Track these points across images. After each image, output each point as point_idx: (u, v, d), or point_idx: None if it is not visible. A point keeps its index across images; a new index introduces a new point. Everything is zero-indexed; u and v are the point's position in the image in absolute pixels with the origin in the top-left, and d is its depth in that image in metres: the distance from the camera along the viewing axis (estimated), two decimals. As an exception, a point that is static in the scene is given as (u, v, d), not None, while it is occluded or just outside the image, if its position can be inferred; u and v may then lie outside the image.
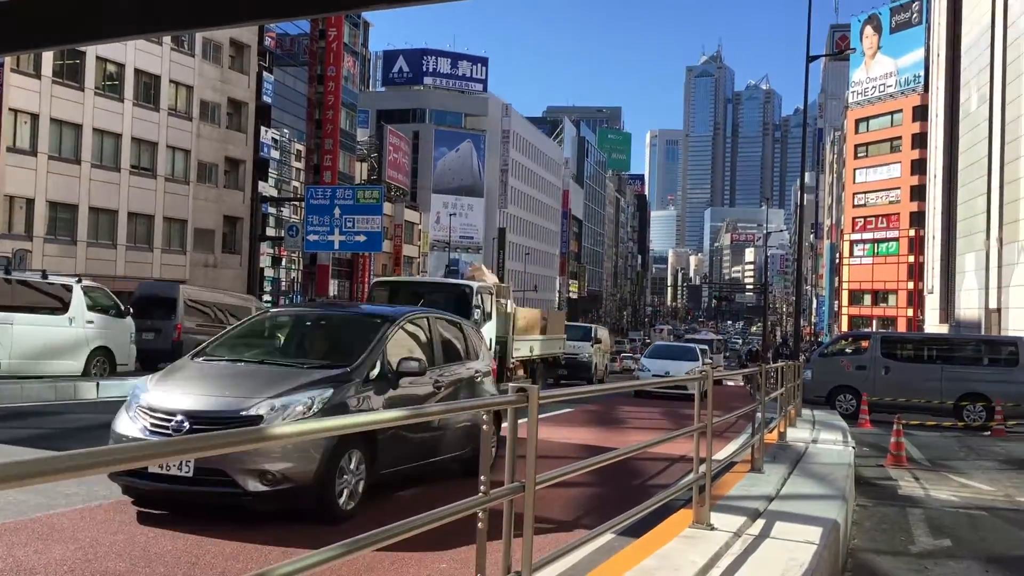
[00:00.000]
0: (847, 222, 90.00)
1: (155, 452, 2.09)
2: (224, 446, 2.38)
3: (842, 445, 11.76)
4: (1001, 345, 23.18)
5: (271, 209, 54.16)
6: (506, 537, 3.36)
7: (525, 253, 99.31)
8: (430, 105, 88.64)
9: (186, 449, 2.14)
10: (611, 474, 8.38)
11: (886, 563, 6.70)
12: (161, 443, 2.00)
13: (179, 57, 42.99)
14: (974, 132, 54.72)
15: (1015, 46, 46.06)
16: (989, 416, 19.57)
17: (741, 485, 7.51)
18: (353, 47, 66.10)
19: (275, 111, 52.77)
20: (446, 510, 3.02)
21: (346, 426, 3.12)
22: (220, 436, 2.28)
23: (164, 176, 42.53)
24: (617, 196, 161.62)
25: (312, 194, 37.18)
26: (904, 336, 35.96)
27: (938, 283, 64.40)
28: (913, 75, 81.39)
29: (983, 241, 50.87)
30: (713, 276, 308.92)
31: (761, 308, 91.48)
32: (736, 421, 12.34)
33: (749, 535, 5.59)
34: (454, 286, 18.10)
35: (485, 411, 3.23)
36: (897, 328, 74.57)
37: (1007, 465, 13.67)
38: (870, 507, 9.07)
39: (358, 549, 2.59)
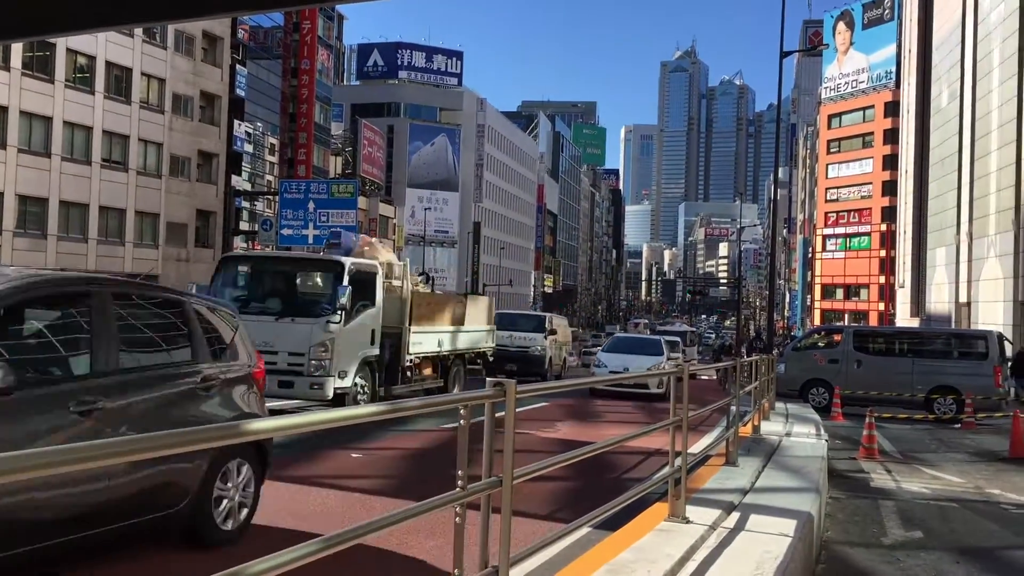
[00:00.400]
0: (820, 217, 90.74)
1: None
2: None
3: (815, 438, 11.86)
4: (971, 339, 23.45)
5: (244, 203, 53.77)
6: (483, 532, 3.35)
7: (500, 247, 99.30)
8: (405, 99, 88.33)
9: None
10: (588, 468, 8.41)
11: (859, 555, 6.77)
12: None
13: (151, 49, 42.56)
14: (945, 128, 55.31)
15: (985, 43, 46.56)
16: (959, 409, 19.80)
17: (716, 478, 7.55)
18: (327, 40, 65.71)
19: (248, 104, 52.36)
20: (423, 505, 3.02)
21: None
22: None
23: (136, 170, 42.12)
24: (592, 191, 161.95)
25: (286, 188, 37.01)
26: (876, 330, 36.29)
27: (909, 277, 65.11)
28: (885, 71, 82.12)
29: (953, 236, 51.46)
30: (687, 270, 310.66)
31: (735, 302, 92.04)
32: (710, 415, 12.42)
33: (724, 528, 5.62)
34: (322, 263, 14.57)
35: (463, 406, 3.21)
36: (869, 322, 75.32)
37: (977, 457, 13.85)
38: (843, 499, 9.16)
39: (336, 545, 2.57)
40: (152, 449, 2.06)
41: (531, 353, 25.77)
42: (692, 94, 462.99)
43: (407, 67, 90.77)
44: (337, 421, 3.02)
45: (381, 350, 14.22)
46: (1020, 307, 39.92)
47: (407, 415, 6.75)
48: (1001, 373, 20.81)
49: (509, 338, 25.23)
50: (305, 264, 15.48)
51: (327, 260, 14.43)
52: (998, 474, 11.88)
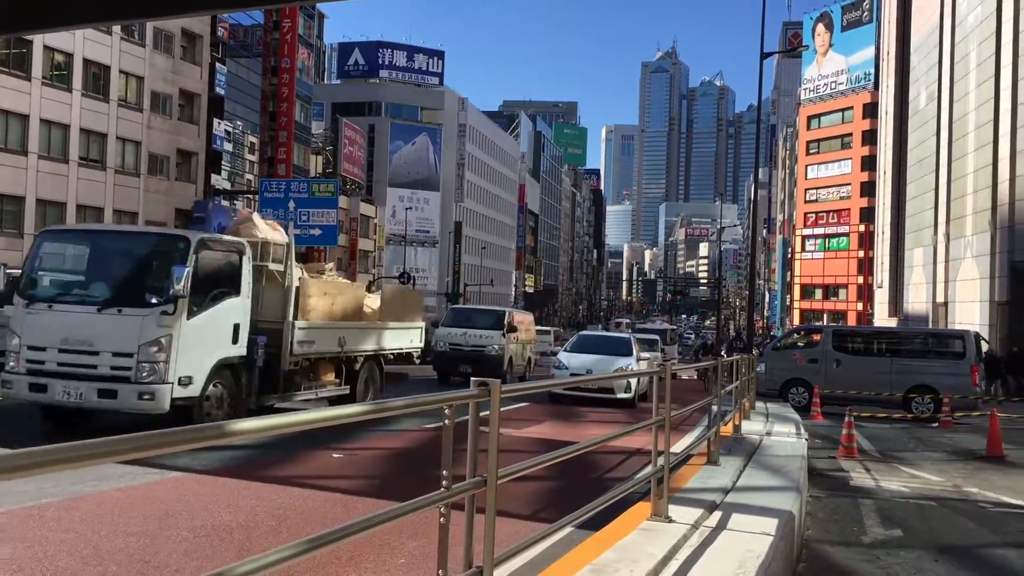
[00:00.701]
0: (799, 217, 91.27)
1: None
2: None
3: (795, 437, 11.92)
4: (948, 338, 23.67)
5: (224, 202, 53.43)
6: (467, 532, 3.35)
7: (481, 247, 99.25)
8: (386, 98, 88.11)
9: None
10: (571, 468, 8.41)
11: (839, 553, 6.81)
12: None
13: (129, 47, 42.23)
14: (923, 129, 55.76)
15: (963, 45, 46.98)
16: (937, 408, 19.97)
17: (698, 478, 7.58)
18: (308, 39, 65.44)
19: (228, 103, 52.05)
20: (407, 505, 3.00)
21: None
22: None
23: (114, 168, 41.78)
24: (573, 191, 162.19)
25: (266, 187, 36.78)
26: (855, 330, 36.57)
27: (887, 277, 65.62)
28: (864, 73, 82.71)
29: (931, 236, 51.90)
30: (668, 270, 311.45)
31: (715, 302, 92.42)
32: (691, 414, 12.46)
33: (707, 527, 5.64)
34: (161, 238, 12.13)
35: (447, 405, 3.21)
36: (847, 322, 75.85)
37: (955, 456, 13.97)
38: (823, 498, 9.21)
39: (318, 547, 2.55)
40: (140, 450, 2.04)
41: (487, 353, 23.36)
42: (673, 95, 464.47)
43: (388, 66, 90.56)
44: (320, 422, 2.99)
45: (250, 350, 11.55)
46: (996, 307, 40.31)
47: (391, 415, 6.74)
48: (978, 372, 21.01)
49: (463, 336, 23.71)
50: (140, 240, 12.36)
51: (167, 235, 12.42)
52: (976, 472, 11.99)
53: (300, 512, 6.67)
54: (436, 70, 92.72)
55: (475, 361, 22.59)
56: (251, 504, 6.83)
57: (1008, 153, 39.12)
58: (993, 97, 41.13)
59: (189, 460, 8.38)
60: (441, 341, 23.94)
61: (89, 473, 7.27)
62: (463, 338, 23.56)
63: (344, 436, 10.76)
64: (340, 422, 3.02)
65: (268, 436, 8.42)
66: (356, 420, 2.99)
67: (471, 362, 22.56)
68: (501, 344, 23.74)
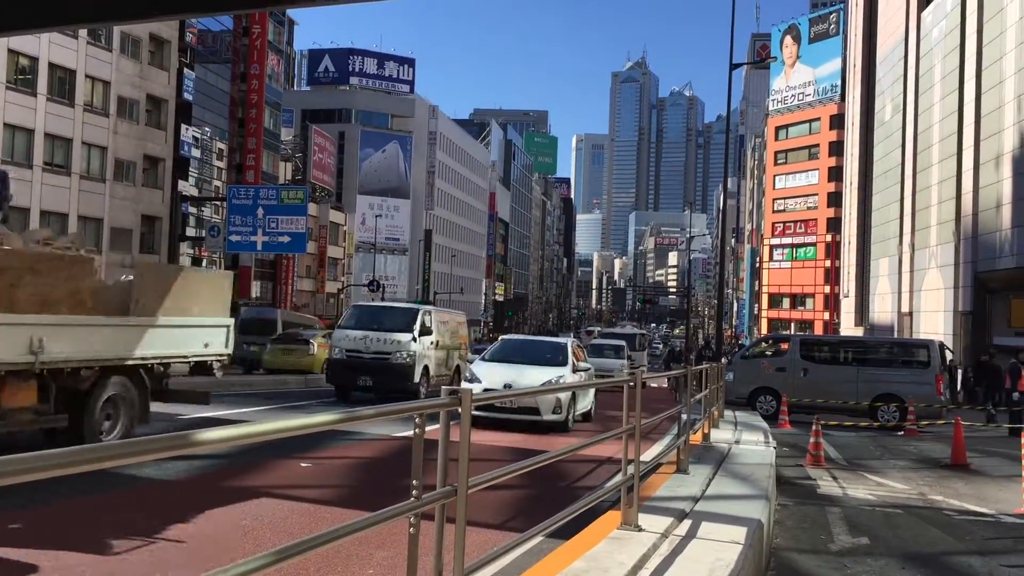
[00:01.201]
0: (767, 227, 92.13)
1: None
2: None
3: (764, 446, 11.98)
4: (913, 347, 23.92)
5: (192, 209, 52.98)
6: (437, 542, 3.32)
7: (451, 255, 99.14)
8: (356, 105, 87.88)
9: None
10: (541, 477, 8.39)
11: (807, 562, 6.84)
12: None
13: (96, 51, 41.77)
14: (888, 141, 56.51)
15: (927, 58, 47.70)
16: (902, 416, 20.15)
17: (667, 486, 7.59)
18: (278, 45, 65.13)
19: (196, 109, 51.65)
20: (376, 516, 2.97)
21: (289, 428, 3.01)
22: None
23: (79, 174, 41.27)
24: (543, 199, 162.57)
25: (234, 194, 36.44)
26: (822, 339, 36.95)
27: (853, 287, 66.33)
28: (831, 84, 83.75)
29: (896, 246, 52.56)
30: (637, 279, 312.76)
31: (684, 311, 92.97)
32: (661, 423, 12.50)
33: (676, 536, 5.65)
34: None
35: (418, 414, 3.18)
36: (814, 331, 76.59)
37: (920, 464, 14.11)
38: (791, 506, 9.26)
39: (285, 558, 2.52)
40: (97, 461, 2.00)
41: (393, 362, 18.89)
42: (643, 104, 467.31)
43: (358, 73, 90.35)
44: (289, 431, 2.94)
45: None
46: (960, 317, 40.88)
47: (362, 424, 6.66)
48: (943, 381, 21.26)
49: (364, 340, 19.22)
50: None
51: None
52: (940, 480, 12.12)
53: (267, 523, 6.59)
54: (407, 78, 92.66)
55: (377, 372, 18.73)
56: (217, 515, 6.74)
57: (972, 165, 39.75)
58: (957, 110, 41.79)
59: (153, 471, 8.27)
60: (337, 347, 19.78)
61: (50, 485, 7.15)
62: (363, 343, 19.18)
63: (312, 445, 10.67)
64: (308, 431, 2.98)
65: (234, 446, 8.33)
66: (325, 429, 2.95)
67: (372, 373, 18.75)
68: (412, 351, 19.07)
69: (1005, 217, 36.18)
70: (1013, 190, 35.40)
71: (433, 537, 3.32)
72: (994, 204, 37.33)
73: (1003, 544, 8.01)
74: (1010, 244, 35.54)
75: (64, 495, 6.98)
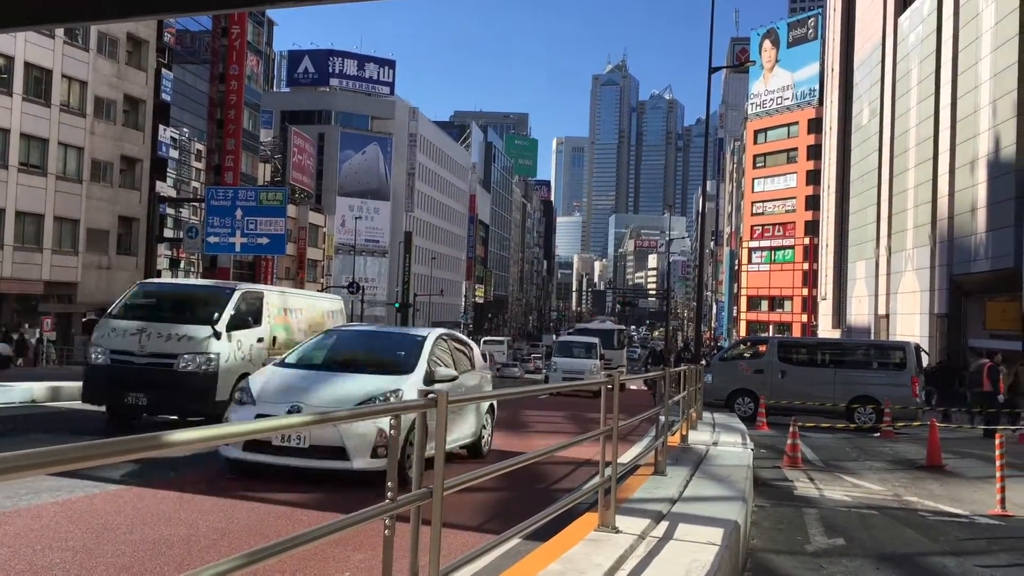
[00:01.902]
0: (746, 230, 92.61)
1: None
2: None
3: (741, 447, 12.03)
4: (889, 350, 24.12)
5: (169, 210, 52.62)
6: (413, 544, 3.31)
7: (431, 257, 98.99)
8: (336, 107, 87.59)
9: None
10: (518, 478, 8.39)
11: (784, 562, 6.88)
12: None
13: (72, 51, 41.42)
14: (865, 145, 56.95)
15: (904, 63, 48.10)
16: (878, 418, 20.31)
17: (645, 488, 7.60)
18: (257, 46, 64.81)
19: (174, 109, 51.32)
20: (352, 518, 2.96)
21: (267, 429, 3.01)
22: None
23: (55, 174, 40.89)
24: (524, 201, 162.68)
25: (213, 195, 36.22)
26: (799, 341, 37.15)
27: (831, 290, 66.79)
28: (809, 88, 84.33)
29: (873, 250, 52.97)
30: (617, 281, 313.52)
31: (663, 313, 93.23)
32: (639, 424, 12.52)
33: (653, 537, 5.66)
34: None
35: (393, 416, 3.17)
36: (792, 333, 77.05)
37: (896, 465, 14.22)
38: (768, 507, 9.31)
39: (259, 560, 2.50)
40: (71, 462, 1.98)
41: (177, 370, 12.31)
42: (623, 108, 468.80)
43: (338, 75, 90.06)
44: (259, 432, 2.95)
45: None
46: (936, 319, 41.24)
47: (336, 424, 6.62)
48: (919, 383, 21.44)
49: (138, 338, 12.55)
50: None
51: None
52: (916, 482, 12.22)
53: (242, 525, 6.55)
54: (387, 79, 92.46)
55: (153, 386, 12.27)
56: (192, 517, 6.70)
57: (947, 168, 40.11)
58: (933, 114, 42.16)
59: (128, 473, 8.20)
60: (98, 347, 12.81)
61: (24, 487, 7.08)
62: (135, 341, 12.53)
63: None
64: (280, 432, 2.97)
65: (209, 447, 8.26)
66: (297, 431, 2.94)
67: (146, 387, 12.27)
68: (213, 354, 12.46)
69: (980, 221, 36.53)
70: (988, 194, 35.75)
71: (409, 539, 3.31)
72: (969, 208, 37.68)
73: (977, 545, 8.08)
74: (985, 247, 35.88)
75: (31, 499, 6.91)
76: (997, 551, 7.86)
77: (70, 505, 6.90)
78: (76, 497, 7.16)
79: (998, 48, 35.20)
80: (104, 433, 11.71)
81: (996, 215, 35.10)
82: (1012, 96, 33.60)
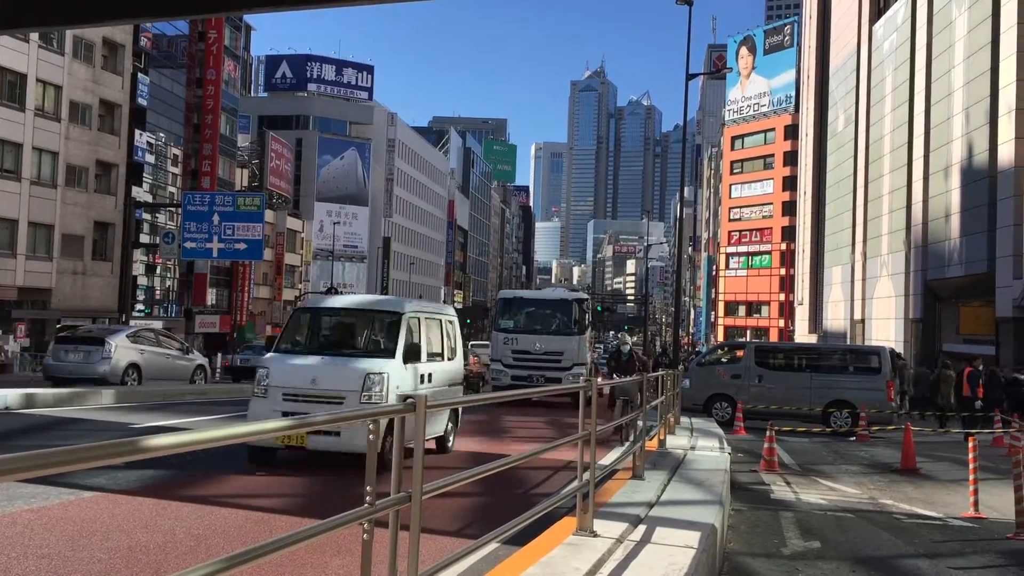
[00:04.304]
0: (723, 235, 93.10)
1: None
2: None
3: (719, 451, 12.09)
4: (865, 354, 24.32)
5: (146, 215, 52.26)
6: (391, 548, 3.31)
7: (410, 263, 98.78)
8: (314, 112, 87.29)
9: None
10: (497, 483, 8.40)
11: (760, 565, 6.92)
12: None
13: (47, 55, 41.03)
14: (841, 151, 57.42)
15: (879, 70, 48.57)
16: (854, 422, 20.48)
17: (623, 492, 7.63)
18: (234, 50, 64.50)
19: (151, 114, 50.98)
20: (329, 522, 2.96)
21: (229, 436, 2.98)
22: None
23: (30, 179, 40.48)
24: (502, 207, 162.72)
25: (190, 200, 36.05)
26: (776, 346, 37.37)
27: (807, 295, 67.23)
28: (785, 95, 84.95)
29: (848, 255, 53.39)
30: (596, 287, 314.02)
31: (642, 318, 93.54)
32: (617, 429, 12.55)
33: (631, 541, 5.68)
34: None
35: (372, 421, 3.18)
36: (769, 338, 77.47)
37: (871, 469, 14.34)
38: (745, 511, 9.36)
39: (236, 565, 2.50)
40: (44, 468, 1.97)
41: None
42: (601, 113, 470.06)
43: (316, 80, 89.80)
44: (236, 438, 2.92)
45: None
46: (911, 324, 41.63)
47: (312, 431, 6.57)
48: (894, 387, 21.63)
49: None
50: None
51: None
52: (891, 485, 12.33)
53: (219, 531, 6.52)
54: (365, 84, 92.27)
55: None
56: (169, 524, 6.66)
57: (922, 175, 40.52)
58: (907, 121, 42.59)
59: (104, 480, 8.14)
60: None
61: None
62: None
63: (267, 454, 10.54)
64: (260, 437, 2.97)
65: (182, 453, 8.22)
66: (277, 435, 2.94)
67: None
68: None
69: (954, 226, 36.92)
70: (961, 200, 36.14)
71: (388, 544, 3.31)
72: (943, 214, 38.07)
73: (950, 547, 8.17)
74: (959, 253, 36.27)
75: (5, 506, 6.85)
76: (970, 553, 7.96)
77: (45, 512, 6.84)
78: (51, 504, 7.10)
79: (971, 56, 35.63)
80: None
81: (969, 221, 35.50)
82: (985, 103, 34.01)
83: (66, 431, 12.53)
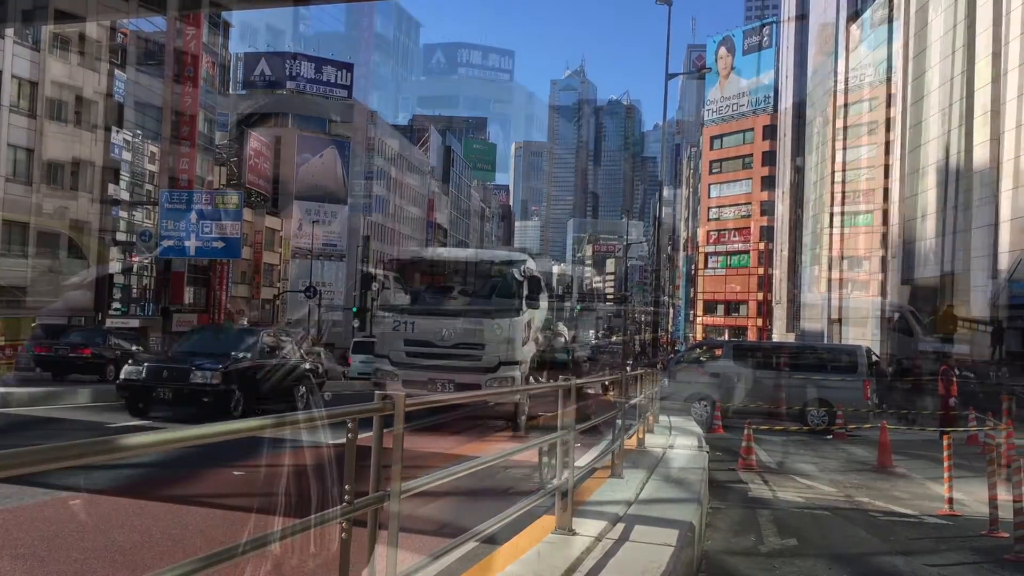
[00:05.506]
0: (702, 235, 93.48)
1: None
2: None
3: (697, 450, 12.14)
4: (841, 353, 24.50)
5: (122, 213, 51.80)
6: (369, 547, 3.31)
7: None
8: (293, 110, 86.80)
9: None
10: (476, 481, 8.39)
11: (738, 563, 6.96)
12: None
13: (22, 51, 40.60)
14: (818, 152, 57.81)
15: (856, 72, 48.95)
16: (831, 420, 20.63)
17: (602, 491, 7.65)
18: (213, 48, 64.08)
19: (128, 111, 50.55)
20: (307, 521, 2.95)
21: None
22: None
23: (5, 176, 40.04)
24: (482, 206, 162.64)
25: (167, 198, 35.85)
26: (754, 345, 37.55)
27: (785, 294, 67.66)
28: (764, 96, 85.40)
29: (826, 255, 53.75)
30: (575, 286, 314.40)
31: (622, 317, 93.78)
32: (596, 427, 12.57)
33: (610, 539, 5.70)
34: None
35: (351, 419, 3.17)
36: (747, 337, 77.90)
37: (847, 467, 14.45)
38: (723, 509, 9.41)
39: (213, 564, 2.49)
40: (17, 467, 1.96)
41: None
42: (581, 113, 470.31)
43: (295, 78, 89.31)
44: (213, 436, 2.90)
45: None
46: (886, 323, 41.97)
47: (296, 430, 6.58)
48: (870, 386, 21.80)
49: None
50: None
51: None
52: (867, 483, 12.43)
53: (197, 531, 6.49)
54: (345, 82, 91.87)
55: None
56: (146, 524, 6.61)
57: (898, 175, 40.86)
58: (884, 122, 42.95)
59: (81, 479, 8.07)
60: None
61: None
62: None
63: (244, 453, 10.49)
64: (233, 437, 2.94)
65: (159, 452, 8.16)
66: (255, 434, 2.93)
67: None
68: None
69: (929, 227, 37.27)
70: (937, 200, 36.48)
71: (366, 543, 3.31)
72: (919, 214, 38.42)
73: (925, 544, 8.25)
74: (934, 253, 36.61)
75: (-15, 506, 6.78)
76: (945, 550, 8.03)
77: (20, 512, 6.77)
78: (26, 504, 7.03)
79: (947, 58, 35.98)
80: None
81: (944, 221, 35.84)
82: (960, 105, 34.34)
83: (44, 430, 12.42)
